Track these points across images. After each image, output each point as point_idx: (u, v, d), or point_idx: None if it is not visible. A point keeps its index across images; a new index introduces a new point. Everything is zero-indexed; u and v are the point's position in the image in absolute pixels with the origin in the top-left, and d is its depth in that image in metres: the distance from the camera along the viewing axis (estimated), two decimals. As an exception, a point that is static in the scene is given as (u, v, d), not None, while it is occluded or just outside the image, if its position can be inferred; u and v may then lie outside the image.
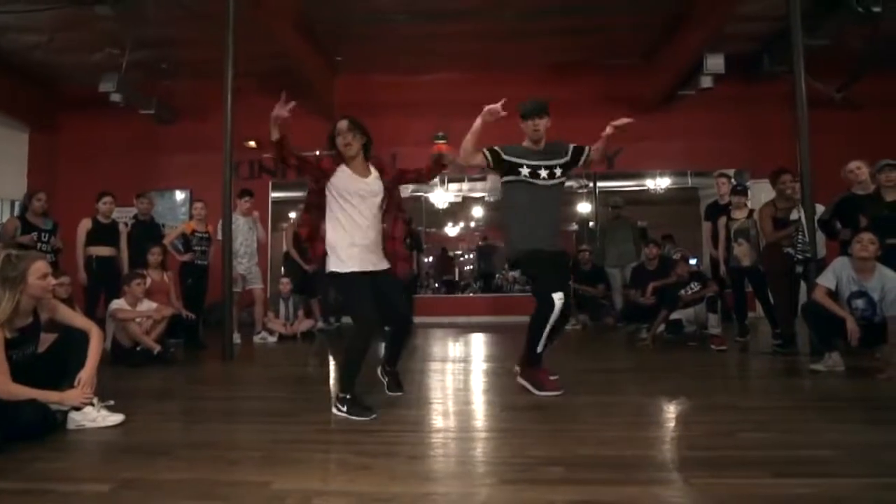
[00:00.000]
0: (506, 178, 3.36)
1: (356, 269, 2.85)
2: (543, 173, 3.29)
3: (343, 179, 2.91)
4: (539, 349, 3.17)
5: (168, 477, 1.97)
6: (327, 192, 2.93)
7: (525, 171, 3.27)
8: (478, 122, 3.18)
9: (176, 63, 7.81)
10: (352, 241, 2.86)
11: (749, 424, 2.52)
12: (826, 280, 3.82)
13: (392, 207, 3.07)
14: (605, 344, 5.91)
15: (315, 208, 3.00)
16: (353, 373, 2.79)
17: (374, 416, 2.68)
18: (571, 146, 3.44)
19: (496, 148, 3.32)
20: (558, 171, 3.33)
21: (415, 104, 8.26)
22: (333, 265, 2.87)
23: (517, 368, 3.39)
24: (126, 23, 6.50)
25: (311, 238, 3.03)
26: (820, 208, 4.54)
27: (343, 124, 2.96)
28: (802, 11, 4.64)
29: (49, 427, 2.46)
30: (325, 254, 2.94)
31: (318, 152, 3.12)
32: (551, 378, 3.21)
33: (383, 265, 2.98)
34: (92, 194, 5.71)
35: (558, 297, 3.06)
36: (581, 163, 3.45)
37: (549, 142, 3.43)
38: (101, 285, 5.43)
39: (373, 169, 3.03)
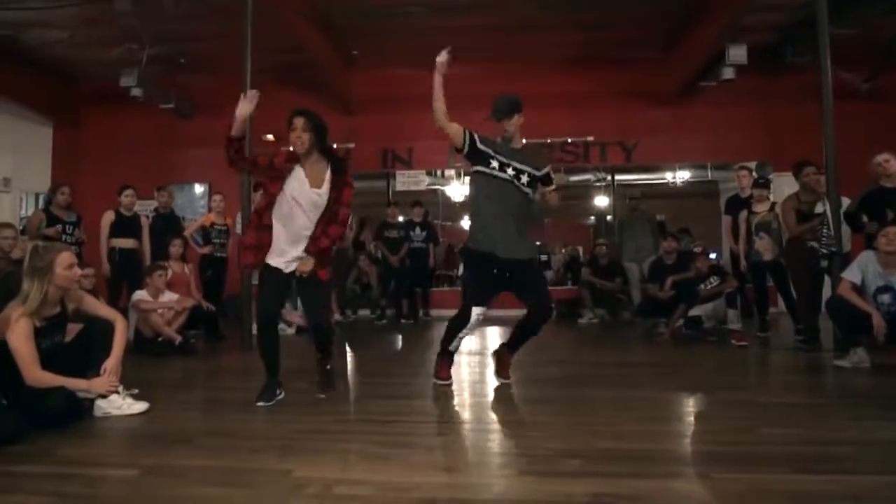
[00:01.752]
0: (474, 168, 3.27)
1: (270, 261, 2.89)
2: (510, 171, 3.17)
3: (292, 183, 2.86)
4: (451, 347, 3.30)
5: (191, 464, 2.01)
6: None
7: (494, 163, 3.19)
8: (436, 78, 3.20)
9: (194, 58, 7.88)
10: (278, 239, 2.88)
11: (770, 420, 2.49)
12: (851, 274, 3.75)
13: (327, 217, 2.93)
14: (622, 338, 5.87)
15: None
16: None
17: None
18: (548, 168, 3.33)
19: (475, 135, 3.26)
20: (524, 178, 3.19)
21: (431, 98, 8.23)
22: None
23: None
24: (145, 18, 6.57)
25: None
26: (846, 201, 4.46)
27: (298, 121, 2.85)
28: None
29: (76, 414, 2.52)
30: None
31: (334, 145, 3.07)
32: (446, 373, 3.32)
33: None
34: (113, 187, 5.81)
35: (475, 312, 3.13)
36: (542, 190, 3.32)
37: (532, 145, 3.37)
38: (123, 277, 5.53)
39: (327, 179, 2.90)
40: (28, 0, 6.16)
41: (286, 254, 2.89)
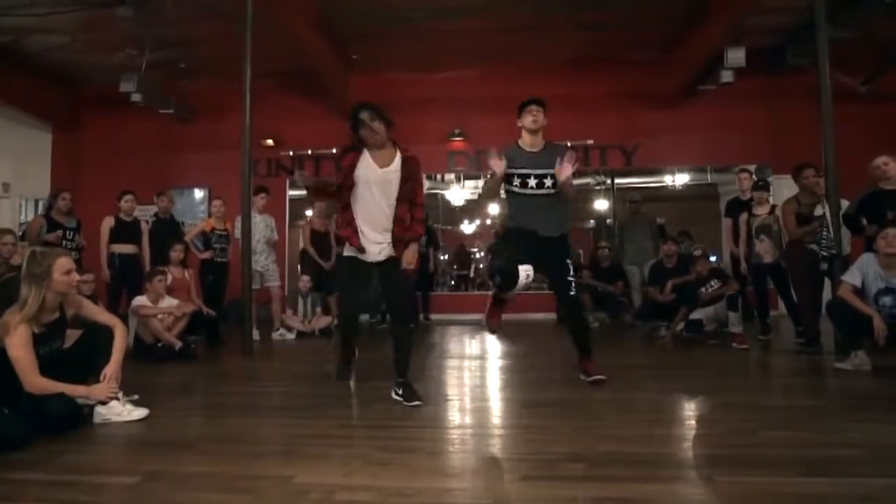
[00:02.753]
0: (505, 188, 3.44)
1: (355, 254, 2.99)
2: (532, 182, 3.32)
3: (361, 169, 2.96)
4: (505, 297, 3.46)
5: (192, 470, 2.00)
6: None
7: (516, 181, 3.35)
8: (498, 174, 3.29)
9: (194, 62, 7.90)
10: (361, 232, 2.98)
11: (772, 423, 2.49)
12: (852, 277, 3.75)
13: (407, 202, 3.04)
14: (623, 342, 5.86)
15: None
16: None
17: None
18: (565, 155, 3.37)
19: (503, 163, 3.35)
20: (548, 181, 3.32)
21: (432, 101, 8.26)
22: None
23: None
24: (146, 23, 6.59)
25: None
26: (845, 203, 4.45)
27: (365, 115, 2.94)
28: (827, 2, 4.55)
29: (76, 421, 2.51)
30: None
31: (333, 150, 3.15)
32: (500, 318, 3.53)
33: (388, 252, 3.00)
34: (113, 192, 5.81)
35: (523, 269, 3.13)
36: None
37: (550, 143, 3.47)
38: (123, 282, 5.52)
39: (397, 157, 3.01)
40: (29, 6, 6.17)
41: (370, 243, 2.97)
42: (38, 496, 1.80)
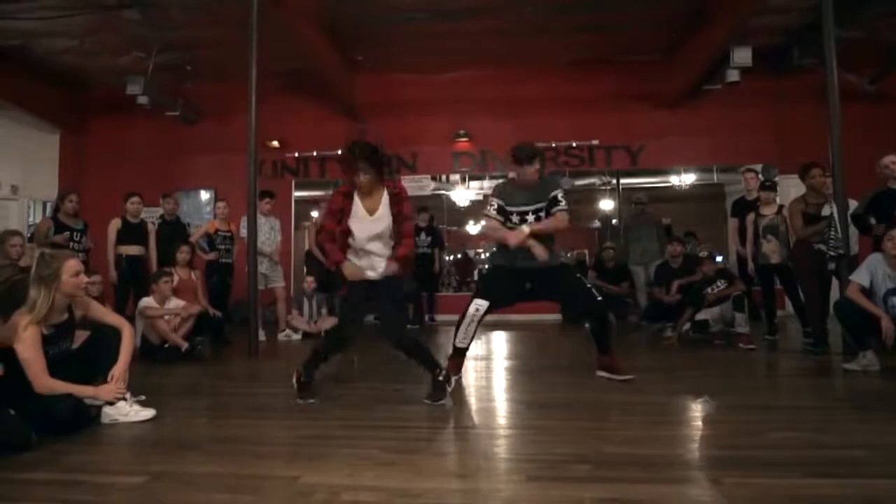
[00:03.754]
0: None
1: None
2: (530, 218, 3.45)
3: (353, 214, 3.04)
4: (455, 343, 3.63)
5: (198, 470, 2.01)
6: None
7: (515, 218, 3.47)
8: (512, 242, 3.35)
9: (201, 65, 7.94)
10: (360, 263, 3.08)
11: (779, 424, 2.47)
12: (860, 277, 3.72)
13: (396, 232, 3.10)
14: (629, 343, 5.83)
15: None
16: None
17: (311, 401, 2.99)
18: (556, 191, 3.46)
19: (500, 204, 3.50)
20: (531, 218, 3.45)
21: (436, 102, 8.27)
22: None
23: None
24: (152, 27, 6.63)
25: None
26: (852, 203, 4.43)
27: (360, 165, 2.97)
28: (834, 1, 4.53)
29: (83, 421, 2.52)
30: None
31: (339, 151, 3.15)
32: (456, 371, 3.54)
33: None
34: (120, 194, 5.84)
35: (482, 304, 3.45)
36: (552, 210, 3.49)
37: (546, 177, 3.59)
38: (130, 283, 5.55)
39: (384, 199, 3.05)
40: (37, 10, 6.22)
41: (366, 272, 3.06)
42: (44, 496, 1.81)
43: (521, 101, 8.11)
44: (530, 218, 3.43)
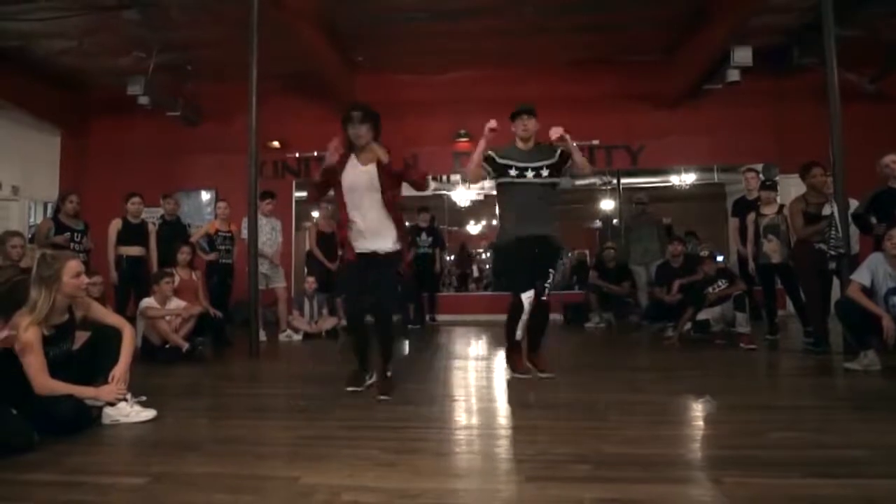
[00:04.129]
0: (498, 180, 3.63)
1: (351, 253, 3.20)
2: (530, 174, 3.52)
3: (346, 170, 3.17)
4: (516, 338, 3.58)
5: (199, 471, 2.01)
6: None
7: (513, 171, 3.54)
8: (482, 144, 3.50)
9: (201, 65, 7.94)
10: (359, 230, 3.16)
11: (780, 424, 2.47)
12: (861, 276, 3.72)
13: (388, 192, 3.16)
14: (629, 342, 5.84)
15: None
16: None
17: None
18: (560, 149, 3.61)
19: (490, 154, 3.57)
20: (545, 172, 3.54)
21: (436, 102, 8.27)
22: None
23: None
24: (152, 27, 6.63)
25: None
26: (853, 203, 4.42)
27: (357, 115, 3.14)
28: (834, 1, 4.53)
29: (84, 422, 2.52)
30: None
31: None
32: (526, 364, 3.62)
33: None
34: (120, 195, 5.84)
35: (525, 297, 3.45)
36: (566, 168, 3.63)
37: (540, 143, 3.64)
38: (130, 284, 5.56)
39: (376, 155, 3.14)
40: (37, 11, 6.23)
41: (367, 238, 3.14)
42: (45, 497, 1.81)
43: (522, 101, 8.09)
44: (530, 175, 3.51)
